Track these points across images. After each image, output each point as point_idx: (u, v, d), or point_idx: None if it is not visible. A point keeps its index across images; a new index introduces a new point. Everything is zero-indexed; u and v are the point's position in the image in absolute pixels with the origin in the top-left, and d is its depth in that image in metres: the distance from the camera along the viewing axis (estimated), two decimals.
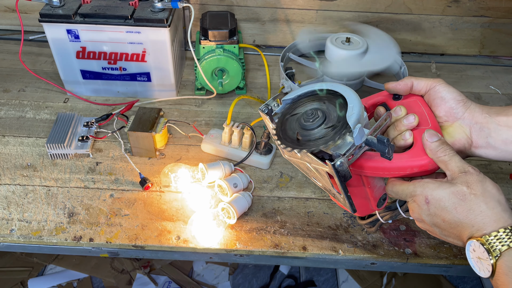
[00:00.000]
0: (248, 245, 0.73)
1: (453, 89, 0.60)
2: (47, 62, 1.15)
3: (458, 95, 0.60)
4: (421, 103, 0.62)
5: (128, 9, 0.91)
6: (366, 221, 0.71)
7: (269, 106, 0.60)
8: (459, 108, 0.59)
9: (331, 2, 1.18)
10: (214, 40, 0.98)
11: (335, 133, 0.53)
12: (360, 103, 0.54)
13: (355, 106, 0.53)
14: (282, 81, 1.06)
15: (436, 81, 0.61)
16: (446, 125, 0.60)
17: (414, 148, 0.57)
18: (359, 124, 0.52)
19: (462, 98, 0.60)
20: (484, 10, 1.19)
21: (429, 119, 0.59)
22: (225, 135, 0.87)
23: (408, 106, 0.61)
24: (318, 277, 1.57)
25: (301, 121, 0.56)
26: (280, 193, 0.83)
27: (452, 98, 0.59)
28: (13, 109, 0.99)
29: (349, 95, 0.55)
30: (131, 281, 1.51)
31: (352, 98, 0.54)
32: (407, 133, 0.58)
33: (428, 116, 0.60)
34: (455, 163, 0.53)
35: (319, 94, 0.59)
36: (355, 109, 0.53)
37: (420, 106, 0.61)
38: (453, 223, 0.51)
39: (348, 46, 1.05)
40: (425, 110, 0.61)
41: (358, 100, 0.54)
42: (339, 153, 0.52)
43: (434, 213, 0.53)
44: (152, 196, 0.81)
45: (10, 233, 0.73)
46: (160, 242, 0.73)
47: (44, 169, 0.85)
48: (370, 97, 0.65)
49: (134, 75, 0.99)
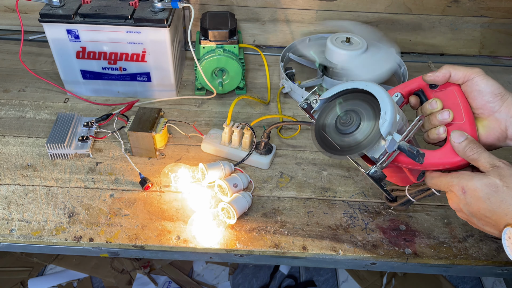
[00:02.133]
0: (248, 245, 0.73)
1: (491, 82, 0.59)
2: (47, 62, 1.15)
3: (497, 88, 0.59)
4: (457, 93, 0.61)
5: (128, 9, 0.91)
6: (397, 203, 0.72)
7: (308, 101, 0.63)
8: (496, 102, 0.59)
9: (331, 2, 1.19)
10: (214, 40, 0.98)
11: (369, 141, 0.57)
12: (393, 108, 0.56)
13: (388, 112, 0.56)
14: (282, 81, 1.06)
15: (474, 72, 0.60)
16: (481, 117, 0.61)
17: (446, 145, 0.59)
18: (389, 136, 0.55)
19: (500, 91, 0.59)
20: (484, 10, 1.19)
21: (463, 113, 0.59)
22: (225, 135, 0.87)
23: (444, 97, 0.61)
24: (318, 277, 1.57)
25: (337, 124, 0.60)
26: (280, 193, 0.83)
27: (489, 92, 0.59)
28: (13, 109, 0.99)
29: (382, 98, 0.57)
30: (131, 281, 1.51)
31: (385, 102, 0.56)
32: (441, 128, 0.60)
33: (463, 108, 0.60)
34: (485, 159, 0.55)
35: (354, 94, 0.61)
36: (388, 116, 0.55)
37: (456, 97, 0.60)
38: (488, 213, 0.54)
39: (348, 46, 1.05)
40: (461, 102, 0.60)
41: (390, 105, 0.56)
42: (374, 157, 0.57)
43: (470, 202, 0.55)
44: (152, 196, 0.81)
45: (10, 233, 0.74)
46: (160, 242, 0.73)
47: (44, 169, 0.85)
48: (406, 83, 0.65)
49: (134, 75, 1.00)
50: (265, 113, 1.02)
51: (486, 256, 0.73)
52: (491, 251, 0.74)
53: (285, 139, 0.95)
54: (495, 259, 0.73)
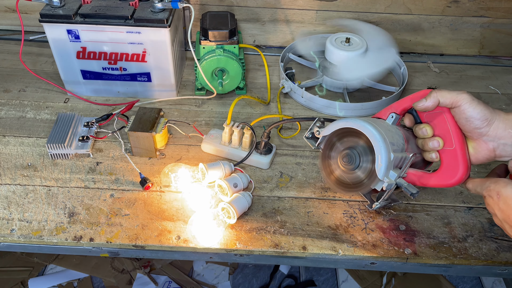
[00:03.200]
0: (248, 245, 0.73)
1: (478, 108, 0.61)
2: (48, 62, 1.15)
3: (483, 115, 0.61)
4: (448, 119, 0.64)
5: (128, 9, 0.91)
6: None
7: (312, 131, 0.73)
8: (483, 127, 0.62)
9: (331, 3, 1.19)
10: (214, 40, 0.98)
11: (370, 181, 0.64)
12: (386, 152, 0.61)
13: (382, 156, 0.61)
14: (282, 81, 1.06)
15: (461, 99, 0.62)
16: (471, 139, 0.64)
17: (442, 169, 0.65)
18: (386, 178, 0.62)
19: (487, 117, 0.61)
20: (484, 10, 1.20)
21: (454, 139, 0.64)
22: (225, 135, 0.87)
23: (434, 122, 0.65)
24: (318, 276, 1.57)
25: (342, 161, 0.68)
26: (280, 193, 0.83)
27: (477, 119, 0.61)
28: (13, 109, 0.99)
29: (375, 142, 0.62)
30: (131, 281, 1.52)
31: (378, 147, 0.62)
32: (433, 154, 0.66)
33: (454, 135, 0.64)
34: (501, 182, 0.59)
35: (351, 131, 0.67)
36: (382, 159, 0.61)
37: (446, 123, 0.64)
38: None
39: (348, 46, 1.05)
40: (451, 127, 0.64)
41: (384, 149, 0.61)
42: (377, 189, 0.64)
43: (503, 208, 0.57)
44: (152, 196, 0.81)
45: (11, 233, 0.74)
46: (160, 242, 0.73)
47: (44, 169, 0.85)
48: (400, 103, 0.69)
49: (134, 75, 1.00)
50: (265, 113, 1.02)
51: (485, 256, 0.73)
52: (491, 251, 0.74)
53: (285, 139, 0.95)
54: (494, 259, 0.73)
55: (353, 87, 1.10)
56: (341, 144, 0.69)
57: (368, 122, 0.64)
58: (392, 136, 0.64)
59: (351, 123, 0.65)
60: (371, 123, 0.64)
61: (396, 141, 0.65)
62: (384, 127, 0.65)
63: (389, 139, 0.63)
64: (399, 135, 0.67)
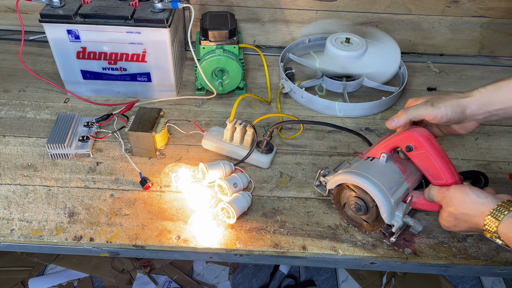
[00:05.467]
0: (248, 244, 0.73)
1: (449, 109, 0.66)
2: (48, 62, 1.15)
3: (455, 110, 0.66)
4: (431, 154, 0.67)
5: (128, 9, 0.91)
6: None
7: (319, 180, 0.77)
8: (463, 118, 0.68)
9: (331, 3, 1.19)
10: (214, 40, 0.98)
11: (380, 223, 0.70)
12: (386, 203, 0.66)
13: (383, 206, 0.67)
14: (282, 81, 1.06)
15: (426, 115, 0.67)
16: (460, 130, 0.71)
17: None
18: (393, 223, 0.68)
19: (460, 109, 0.67)
20: (484, 10, 1.20)
21: (442, 173, 0.67)
22: (227, 132, 0.87)
23: (420, 160, 0.68)
24: (318, 276, 1.58)
25: (352, 208, 0.74)
26: (280, 193, 0.83)
27: (454, 117, 0.67)
28: (13, 109, 0.99)
29: (375, 196, 0.67)
30: (131, 281, 1.52)
31: (378, 199, 0.67)
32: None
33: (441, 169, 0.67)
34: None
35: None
36: (385, 208, 0.67)
37: (431, 160, 0.67)
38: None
39: (348, 46, 1.05)
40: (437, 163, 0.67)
41: (384, 201, 0.66)
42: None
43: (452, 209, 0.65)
44: (153, 196, 0.81)
45: (11, 232, 0.74)
46: (161, 241, 0.73)
47: (44, 169, 0.85)
48: (386, 143, 0.72)
49: (134, 75, 1.00)
50: (265, 113, 1.02)
51: (485, 256, 0.73)
52: (491, 251, 0.74)
53: (286, 139, 0.95)
54: (494, 259, 0.73)
55: (352, 87, 1.10)
56: (349, 190, 0.73)
57: (365, 176, 0.68)
58: (388, 179, 0.69)
59: (350, 178, 0.70)
60: (368, 176, 0.68)
61: (394, 179, 0.70)
62: (379, 171, 0.70)
63: (386, 184, 0.68)
64: (395, 171, 0.71)
